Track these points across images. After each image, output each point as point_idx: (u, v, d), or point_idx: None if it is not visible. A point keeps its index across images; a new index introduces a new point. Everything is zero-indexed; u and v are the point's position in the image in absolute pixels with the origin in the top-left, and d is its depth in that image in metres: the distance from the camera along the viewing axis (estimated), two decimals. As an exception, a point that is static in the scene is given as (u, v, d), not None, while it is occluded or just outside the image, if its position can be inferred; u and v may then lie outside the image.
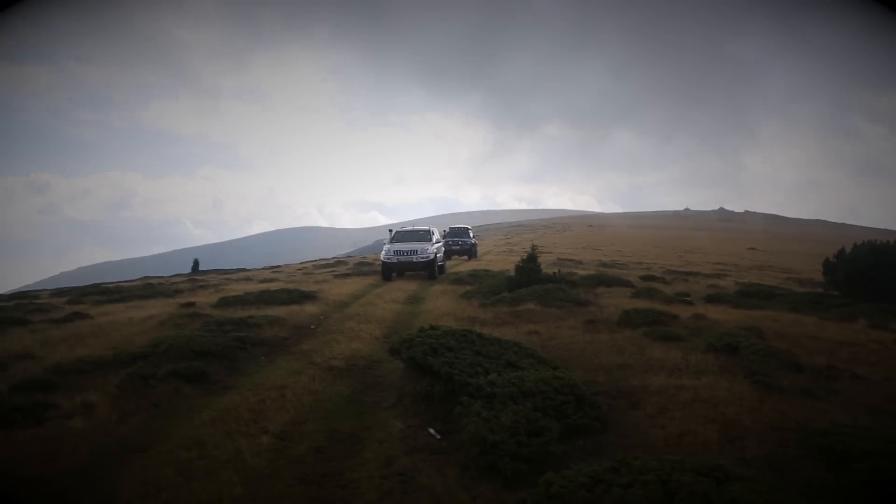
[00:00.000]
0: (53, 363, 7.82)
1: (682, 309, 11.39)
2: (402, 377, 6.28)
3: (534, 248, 15.33)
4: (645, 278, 19.45)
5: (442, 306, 12.39)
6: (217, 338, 8.71)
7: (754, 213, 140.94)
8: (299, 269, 30.87)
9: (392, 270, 20.03)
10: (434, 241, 21.29)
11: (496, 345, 6.25)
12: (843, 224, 69.30)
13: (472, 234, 33.50)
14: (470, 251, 32.16)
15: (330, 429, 5.18)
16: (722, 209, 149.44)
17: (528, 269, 14.42)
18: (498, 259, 30.75)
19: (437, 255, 20.65)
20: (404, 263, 19.93)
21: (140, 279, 32.51)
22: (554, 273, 14.46)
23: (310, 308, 12.88)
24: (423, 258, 19.78)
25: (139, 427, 5.43)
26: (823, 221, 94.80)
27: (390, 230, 22.53)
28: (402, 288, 16.49)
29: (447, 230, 33.43)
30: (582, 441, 4.57)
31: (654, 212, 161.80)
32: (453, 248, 31.59)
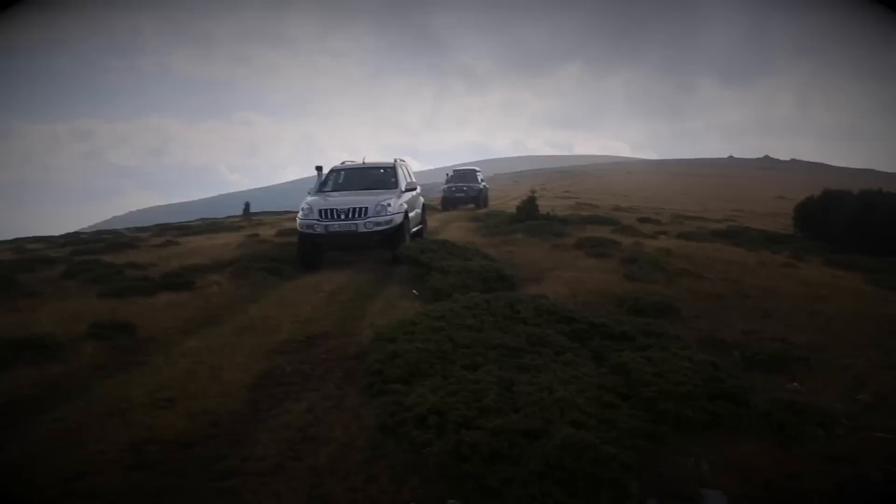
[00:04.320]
0: (176, 267, 12.19)
1: (634, 239, 15.18)
2: (406, 269, 10.46)
3: (533, 191, 19.23)
4: (641, 220, 23.12)
5: (453, 235, 16.47)
6: (284, 252, 13.01)
7: (800, 161, 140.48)
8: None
9: (318, 249, 12.06)
10: (403, 188, 12.78)
11: (462, 249, 10.38)
12: (893, 174, 70.19)
13: (480, 178, 30.43)
14: (478, 198, 28.69)
15: (358, 292, 9.43)
16: (767, 157, 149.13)
17: (527, 209, 18.37)
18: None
19: (409, 215, 12.51)
20: (341, 235, 11.64)
21: (198, 220, 37.50)
22: (547, 213, 18.36)
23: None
24: (379, 224, 11.50)
25: (248, 292, 9.76)
26: (873, 171, 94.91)
27: (318, 168, 14.01)
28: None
29: (450, 173, 30.76)
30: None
31: (695, 159, 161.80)
32: (457, 195, 28.96)
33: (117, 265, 12.58)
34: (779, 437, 4.33)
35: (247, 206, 41.31)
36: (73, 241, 20.94)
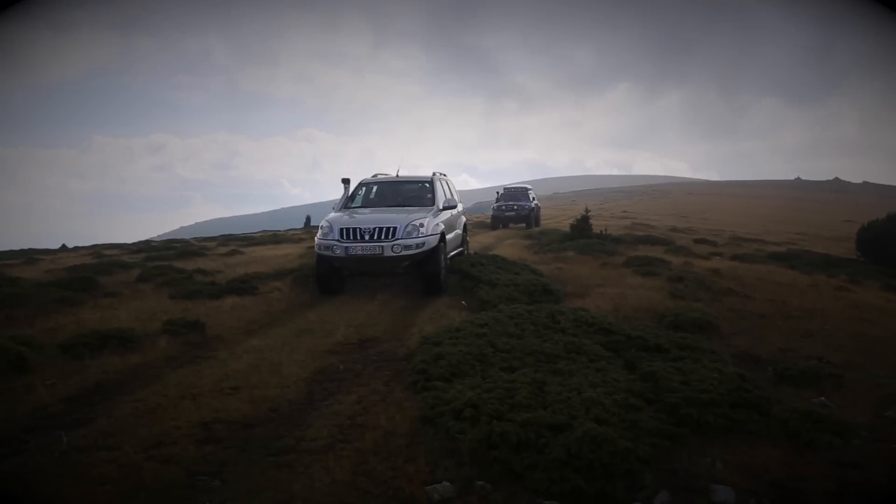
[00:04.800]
0: (241, 274, 12.95)
1: (685, 259, 15.30)
2: (457, 281, 10.93)
3: (587, 210, 19.47)
4: (697, 241, 23.09)
5: (506, 252, 16.89)
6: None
7: (873, 184, 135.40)
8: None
9: (338, 274, 10.74)
10: (440, 206, 11.43)
11: (511, 264, 10.79)
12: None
13: (532, 197, 30.05)
14: (528, 217, 28.57)
15: (411, 301, 9.95)
16: (837, 179, 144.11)
17: (580, 227, 18.66)
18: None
19: (446, 237, 11.11)
20: (363, 260, 10.14)
21: (261, 231, 38.96)
22: (600, 232, 18.60)
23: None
24: (409, 248, 9.96)
25: (307, 299, 10.39)
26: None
27: (345, 181, 12.28)
28: (473, 241, 21.00)
29: (501, 192, 30.59)
30: (539, 308, 9.00)
31: (759, 181, 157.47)
32: (507, 213, 28.95)
33: (187, 271, 13.43)
34: (794, 443, 4.59)
35: (308, 219, 42.70)
36: (146, 248, 22.20)
